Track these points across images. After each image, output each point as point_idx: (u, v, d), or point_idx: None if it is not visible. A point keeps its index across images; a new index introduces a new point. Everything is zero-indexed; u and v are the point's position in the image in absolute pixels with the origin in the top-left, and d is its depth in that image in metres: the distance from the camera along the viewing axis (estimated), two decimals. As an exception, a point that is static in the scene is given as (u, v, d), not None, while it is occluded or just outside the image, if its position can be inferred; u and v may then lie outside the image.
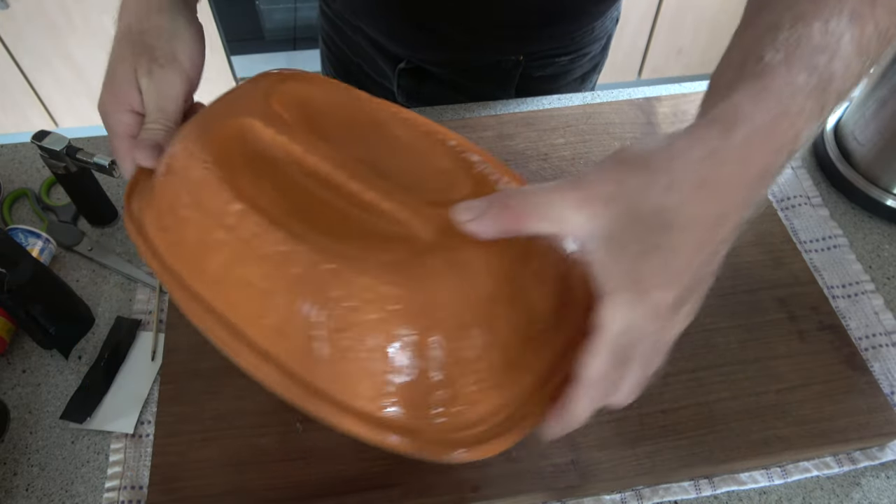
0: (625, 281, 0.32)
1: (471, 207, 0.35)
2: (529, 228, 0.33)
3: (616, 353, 0.33)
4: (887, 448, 0.51)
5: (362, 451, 0.49)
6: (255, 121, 0.42)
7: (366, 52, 0.80)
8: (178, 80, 0.47)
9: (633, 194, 0.31)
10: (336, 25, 0.82)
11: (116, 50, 0.47)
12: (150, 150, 0.44)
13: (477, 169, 0.43)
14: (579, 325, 0.36)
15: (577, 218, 0.32)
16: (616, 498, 0.49)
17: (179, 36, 0.48)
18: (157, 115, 0.46)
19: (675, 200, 0.31)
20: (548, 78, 0.78)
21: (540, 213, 0.33)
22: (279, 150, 0.41)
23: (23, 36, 1.66)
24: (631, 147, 0.33)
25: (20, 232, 0.59)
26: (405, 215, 0.38)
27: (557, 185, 0.33)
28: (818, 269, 0.60)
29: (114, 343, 0.56)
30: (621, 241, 0.32)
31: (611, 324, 0.32)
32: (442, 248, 0.36)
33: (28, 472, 0.50)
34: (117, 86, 0.46)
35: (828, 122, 0.69)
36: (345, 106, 0.47)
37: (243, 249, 0.37)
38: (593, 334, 0.33)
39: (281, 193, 0.40)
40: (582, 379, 0.34)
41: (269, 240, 0.37)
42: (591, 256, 0.32)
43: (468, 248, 0.36)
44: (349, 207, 0.39)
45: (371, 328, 0.34)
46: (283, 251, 0.36)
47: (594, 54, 0.81)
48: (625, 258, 0.32)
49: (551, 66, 0.77)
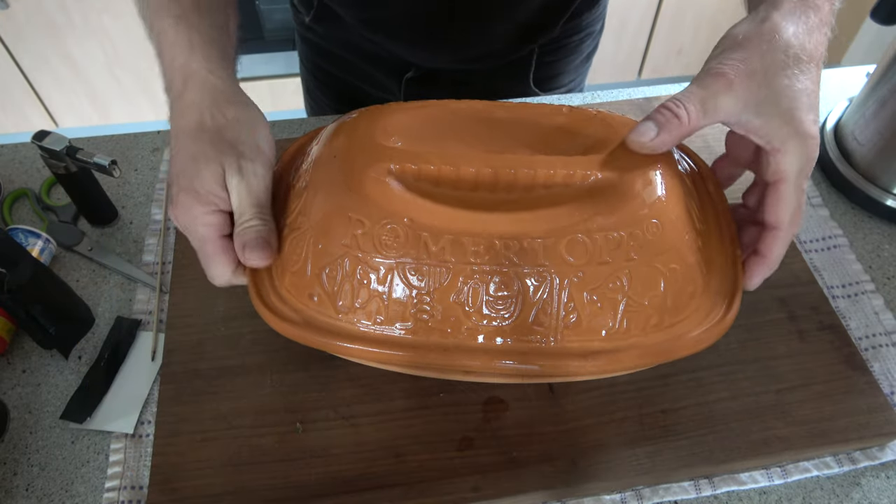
0: (787, 129, 0.41)
1: (647, 128, 0.42)
2: (698, 127, 0.41)
3: (797, 190, 0.42)
4: (887, 448, 0.51)
5: (362, 451, 0.49)
6: (387, 164, 0.44)
7: (362, 70, 0.79)
8: (265, 170, 0.45)
9: (761, 61, 0.41)
10: (323, 49, 0.80)
11: (191, 149, 0.44)
12: (264, 248, 0.43)
13: (585, 113, 0.50)
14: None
15: (729, 101, 0.40)
16: (616, 498, 0.49)
17: (257, 124, 0.46)
18: (254, 211, 0.44)
19: (795, 47, 0.41)
20: (559, 63, 0.78)
21: (701, 111, 0.41)
22: (427, 178, 0.45)
23: (23, 36, 1.66)
24: (733, 30, 0.43)
25: (20, 232, 0.59)
26: (580, 168, 0.44)
27: (698, 84, 0.41)
28: (818, 269, 0.60)
29: (114, 343, 0.56)
30: (768, 101, 0.40)
31: (790, 168, 0.41)
32: (634, 177, 0.44)
33: (28, 472, 0.50)
34: (202, 188, 0.43)
35: (828, 122, 0.69)
36: (436, 117, 0.50)
37: (465, 270, 0.42)
38: (777, 186, 0.42)
39: (460, 205, 0.44)
40: (780, 223, 0.43)
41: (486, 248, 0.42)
42: (752, 126, 0.41)
43: (651, 169, 0.44)
44: (527, 194, 0.44)
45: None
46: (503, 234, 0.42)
47: (597, 31, 0.82)
48: (777, 113, 0.40)
49: (563, 48, 0.77)
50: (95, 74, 1.77)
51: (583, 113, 0.49)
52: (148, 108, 1.87)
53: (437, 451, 0.49)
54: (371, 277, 0.42)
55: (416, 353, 0.42)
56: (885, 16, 0.58)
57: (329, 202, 0.44)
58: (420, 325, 0.42)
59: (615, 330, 0.42)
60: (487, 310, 0.42)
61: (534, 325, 0.42)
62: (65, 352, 0.55)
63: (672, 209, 0.43)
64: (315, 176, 0.46)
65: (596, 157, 0.45)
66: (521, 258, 0.41)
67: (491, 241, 0.41)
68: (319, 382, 0.52)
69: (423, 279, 0.41)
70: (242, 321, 0.55)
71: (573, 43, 0.78)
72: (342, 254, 0.42)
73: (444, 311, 0.42)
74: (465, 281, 0.41)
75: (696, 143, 0.68)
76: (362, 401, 0.51)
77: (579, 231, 0.41)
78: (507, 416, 0.50)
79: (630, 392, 0.51)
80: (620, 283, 0.41)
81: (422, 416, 0.50)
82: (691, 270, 0.44)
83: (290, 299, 0.45)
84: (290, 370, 0.53)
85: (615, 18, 1.82)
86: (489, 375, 0.45)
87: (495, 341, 0.42)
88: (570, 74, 0.82)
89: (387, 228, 0.42)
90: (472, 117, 0.49)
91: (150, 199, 0.66)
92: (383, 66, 0.77)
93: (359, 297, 0.43)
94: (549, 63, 0.78)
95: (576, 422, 0.50)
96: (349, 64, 0.80)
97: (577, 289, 0.41)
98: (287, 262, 0.45)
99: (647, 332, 0.43)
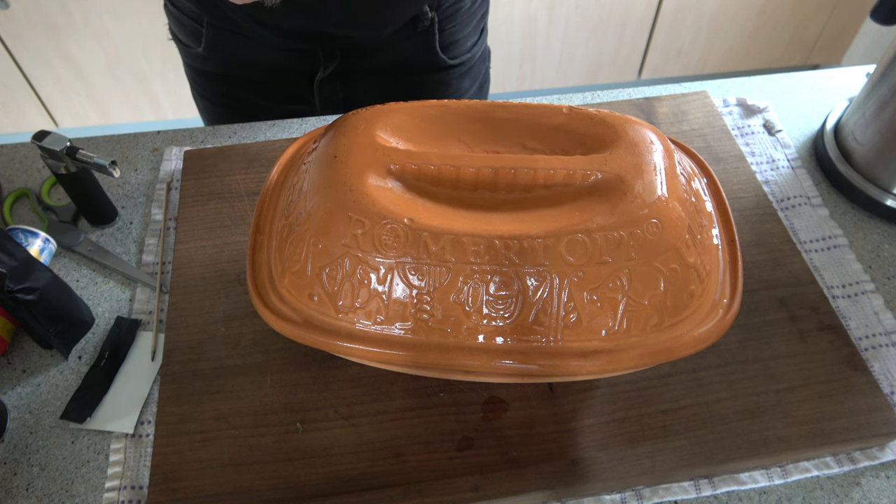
0: None
1: None
2: None
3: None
4: (887, 448, 0.51)
5: (362, 451, 0.49)
6: (387, 164, 0.45)
7: (267, 87, 0.78)
8: None
9: None
10: (222, 76, 0.79)
11: None
12: None
13: (585, 113, 0.50)
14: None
15: None
16: (616, 498, 0.49)
17: None
18: None
19: None
20: (457, 28, 0.78)
21: None
22: (427, 178, 0.45)
23: (23, 36, 1.66)
24: None
25: (20, 232, 0.59)
26: (580, 168, 0.44)
27: None
28: (818, 269, 0.60)
29: (114, 343, 0.56)
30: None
31: None
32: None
33: (28, 472, 0.50)
34: None
35: (828, 122, 0.69)
36: (436, 117, 0.50)
37: (465, 270, 0.42)
38: None
39: (461, 205, 0.44)
40: None
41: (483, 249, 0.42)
42: None
43: (651, 169, 0.45)
44: (527, 194, 0.44)
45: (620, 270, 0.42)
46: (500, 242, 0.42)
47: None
48: None
49: (458, 12, 0.77)
50: (95, 74, 1.77)
51: (583, 113, 0.49)
52: (148, 108, 1.87)
53: (437, 451, 0.49)
54: (371, 277, 0.42)
55: (416, 353, 0.42)
56: (885, 16, 0.58)
57: (329, 202, 0.44)
58: (420, 324, 0.42)
59: (615, 330, 0.42)
60: (487, 309, 0.42)
61: (534, 324, 0.42)
62: (65, 352, 0.55)
63: (672, 209, 0.43)
64: (315, 176, 0.46)
65: (596, 157, 0.45)
66: (521, 258, 0.41)
67: (491, 240, 0.41)
68: (319, 382, 0.52)
69: (423, 279, 0.41)
70: (242, 321, 0.55)
71: (465, 5, 0.78)
72: (342, 253, 0.42)
73: (444, 310, 0.42)
74: (465, 281, 0.41)
75: (697, 143, 0.68)
76: (362, 401, 0.51)
77: (579, 231, 0.41)
78: (507, 416, 0.50)
79: (630, 392, 0.51)
80: (620, 283, 0.41)
81: (422, 416, 0.50)
82: (691, 270, 0.44)
83: (290, 299, 0.45)
84: (290, 370, 0.53)
85: (615, 18, 1.82)
86: (489, 375, 0.45)
87: (495, 341, 0.42)
88: (472, 37, 0.82)
89: (387, 228, 0.42)
90: (472, 117, 0.50)
91: (150, 199, 0.66)
92: (293, 73, 0.76)
93: (359, 297, 0.43)
94: (450, 30, 0.78)
95: (576, 422, 0.50)
96: (254, 83, 0.78)
97: (578, 288, 0.41)
98: (287, 262, 0.45)
99: (647, 331, 0.43)
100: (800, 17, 1.88)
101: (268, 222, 0.50)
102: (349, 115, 0.50)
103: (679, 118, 0.70)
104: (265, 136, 0.72)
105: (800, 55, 2.00)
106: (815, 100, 0.75)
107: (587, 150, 0.47)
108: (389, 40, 0.75)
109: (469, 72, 0.84)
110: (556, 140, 0.49)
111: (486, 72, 0.90)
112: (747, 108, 0.73)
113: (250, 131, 0.73)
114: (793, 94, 0.75)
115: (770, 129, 0.71)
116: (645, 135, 0.47)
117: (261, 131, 0.73)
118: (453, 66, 0.81)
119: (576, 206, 0.43)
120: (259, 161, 0.67)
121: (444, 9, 0.75)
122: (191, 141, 0.72)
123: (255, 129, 0.73)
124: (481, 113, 0.50)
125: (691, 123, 0.70)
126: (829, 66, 2.09)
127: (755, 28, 1.88)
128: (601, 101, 0.74)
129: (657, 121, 0.70)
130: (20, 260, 0.52)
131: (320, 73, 0.76)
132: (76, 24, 1.66)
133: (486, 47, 0.88)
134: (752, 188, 0.65)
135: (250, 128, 0.73)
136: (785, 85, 0.76)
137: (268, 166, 0.66)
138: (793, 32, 1.92)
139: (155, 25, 1.66)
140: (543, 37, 1.84)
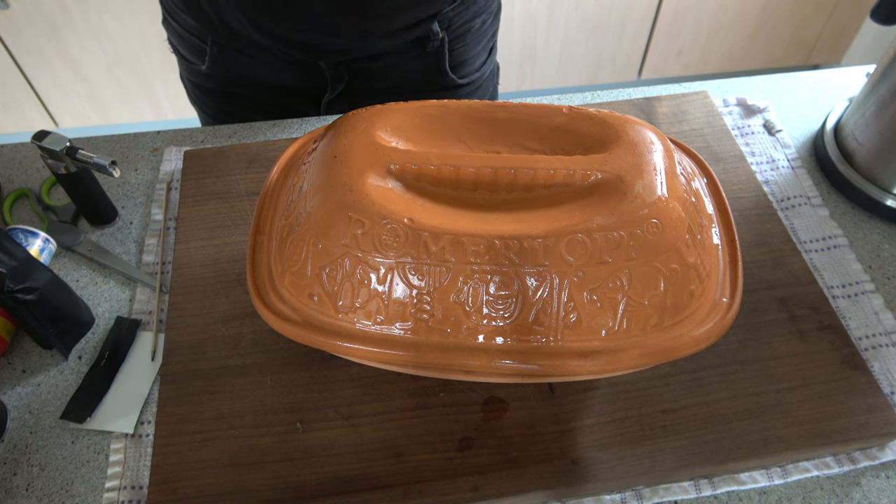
0: None
1: None
2: None
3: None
4: (887, 448, 0.51)
5: (362, 451, 0.49)
6: (388, 164, 0.45)
7: (273, 108, 0.77)
8: None
9: None
10: (222, 93, 0.78)
11: None
12: None
13: (585, 113, 0.50)
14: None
15: None
16: (616, 498, 0.49)
17: None
18: None
19: None
20: (467, 48, 0.78)
21: None
22: (427, 178, 0.45)
23: (23, 36, 1.66)
24: None
25: (20, 232, 0.59)
26: (580, 168, 0.44)
27: None
28: (818, 269, 0.60)
29: (114, 343, 0.56)
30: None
31: None
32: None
33: (28, 472, 0.50)
34: None
35: (828, 122, 0.69)
36: (436, 117, 0.50)
37: (465, 270, 0.42)
38: None
39: (461, 206, 0.44)
40: None
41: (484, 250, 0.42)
42: None
43: (651, 169, 0.45)
44: (527, 194, 0.44)
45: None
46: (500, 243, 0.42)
47: (495, 11, 0.80)
48: None
49: (469, 32, 0.76)
50: (95, 74, 1.77)
51: (583, 113, 0.49)
52: (148, 108, 1.87)
53: (437, 451, 0.49)
54: (371, 277, 0.42)
55: (416, 353, 0.42)
56: (885, 16, 0.58)
57: (329, 202, 0.44)
58: (420, 324, 0.42)
59: (615, 330, 0.42)
60: (487, 309, 0.42)
61: (534, 324, 0.42)
62: (65, 352, 0.55)
63: (672, 209, 0.43)
64: (315, 176, 0.46)
65: (596, 157, 0.45)
66: (521, 258, 0.41)
67: (491, 240, 0.41)
68: (319, 382, 0.52)
69: (423, 279, 0.41)
70: (242, 321, 0.55)
71: (475, 24, 0.77)
72: (342, 253, 0.42)
73: (444, 310, 0.42)
74: (465, 281, 0.41)
75: (697, 143, 0.68)
76: (362, 401, 0.51)
77: (579, 231, 0.41)
78: (506, 416, 0.50)
79: (630, 392, 0.51)
80: (620, 283, 0.41)
81: (422, 416, 0.50)
82: (691, 270, 0.44)
83: (290, 299, 0.45)
84: (290, 370, 0.53)
85: (615, 18, 1.82)
86: (489, 375, 0.45)
87: (495, 341, 0.42)
88: (481, 56, 0.82)
89: (387, 228, 0.42)
90: (472, 117, 0.50)
91: (150, 199, 0.66)
92: (299, 95, 0.75)
93: (359, 297, 0.43)
94: (459, 49, 0.77)
95: (576, 422, 0.50)
96: (259, 103, 0.78)
97: (577, 288, 0.41)
98: (287, 262, 0.45)
99: (647, 331, 0.43)
100: (800, 17, 1.88)
101: (268, 222, 0.50)
102: (349, 115, 0.50)
103: (679, 118, 0.70)
104: (265, 136, 0.72)
105: (800, 55, 2.00)
106: (815, 100, 0.75)
107: (587, 150, 0.47)
108: (398, 60, 0.74)
109: (477, 90, 0.84)
110: (556, 140, 0.49)
111: (494, 89, 0.89)
112: (747, 108, 0.73)
113: (250, 131, 0.73)
114: (793, 94, 0.75)
115: (770, 129, 0.71)
116: (645, 135, 0.47)
117: (261, 131, 0.73)
118: (462, 86, 0.81)
119: (576, 206, 0.43)
120: (259, 161, 0.67)
121: (454, 28, 0.74)
122: (191, 141, 0.72)
123: (255, 129, 0.73)
124: (481, 113, 0.50)
125: (691, 123, 0.70)
126: (829, 66, 2.09)
127: (755, 28, 1.88)
128: (601, 101, 0.74)
129: (657, 121, 0.70)
130: (20, 260, 0.52)
131: (328, 95, 0.76)
132: (76, 23, 1.66)
133: (495, 65, 0.87)
134: (752, 188, 0.65)
135: (250, 128, 0.73)
136: (785, 85, 0.77)
137: (268, 166, 0.66)
138: (793, 32, 1.92)
139: (155, 25, 1.66)
140: (543, 37, 1.84)
